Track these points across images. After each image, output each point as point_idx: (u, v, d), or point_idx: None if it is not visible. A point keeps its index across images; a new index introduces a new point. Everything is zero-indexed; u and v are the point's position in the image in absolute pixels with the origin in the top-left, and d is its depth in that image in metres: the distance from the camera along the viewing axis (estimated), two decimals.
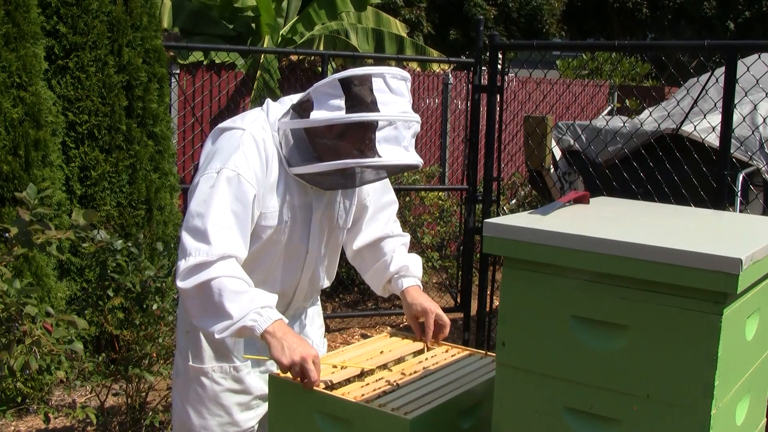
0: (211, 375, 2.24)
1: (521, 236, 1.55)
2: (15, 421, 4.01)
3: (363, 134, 2.01)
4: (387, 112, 2.00)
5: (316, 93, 2.05)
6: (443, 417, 1.83)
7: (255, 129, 2.13)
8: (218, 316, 1.95)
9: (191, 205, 2.05)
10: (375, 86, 2.00)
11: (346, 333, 5.90)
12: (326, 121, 2.01)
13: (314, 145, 2.09)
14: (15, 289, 2.71)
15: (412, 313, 2.30)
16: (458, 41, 17.36)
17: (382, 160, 2.00)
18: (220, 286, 1.95)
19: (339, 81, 2.01)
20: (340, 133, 2.04)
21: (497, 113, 4.42)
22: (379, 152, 1.99)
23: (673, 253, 1.39)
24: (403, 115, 2.03)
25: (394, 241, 2.42)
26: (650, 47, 13.36)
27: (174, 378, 2.35)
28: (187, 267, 1.97)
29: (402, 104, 2.04)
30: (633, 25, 22.22)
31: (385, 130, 1.99)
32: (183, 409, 2.28)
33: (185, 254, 1.99)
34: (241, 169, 2.05)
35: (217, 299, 1.95)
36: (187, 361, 2.27)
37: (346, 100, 1.99)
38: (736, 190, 4.18)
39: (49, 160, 4.16)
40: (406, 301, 2.32)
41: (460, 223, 6.35)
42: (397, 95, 2.03)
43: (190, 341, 2.27)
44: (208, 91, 6.75)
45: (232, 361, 2.25)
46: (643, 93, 10.52)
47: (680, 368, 1.42)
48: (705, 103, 4.72)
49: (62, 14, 4.39)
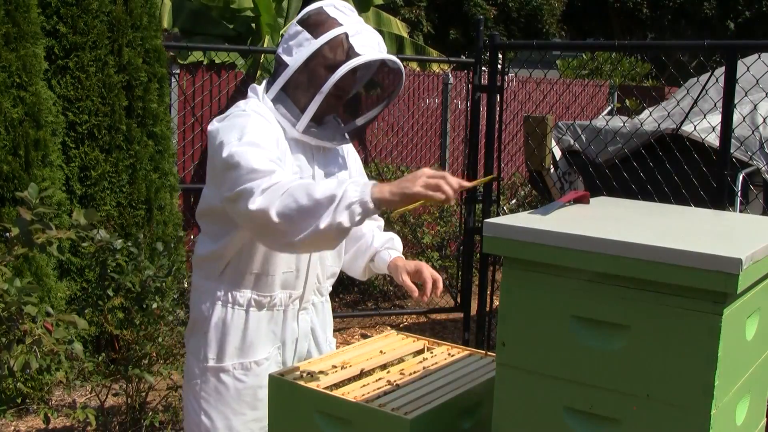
0: (232, 372, 2.22)
1: (521, 236, 1.55)
2: (15, 421, 4.01)
3: (341, 50, 2.10)
4: (349, 24, 2.13)
5: (283, 49, 2.17)
6: (443, 417, 1.83)
7: (252, 107, 2.15)
8: (316, 210, 1.85)
9: (225, 172, 1.99)
10: (329, 12, 2.14)
11: (346, 333, 5.90)
12: (304, 55, 2.11)
13: (304, 91, 2.14)
14: (15, 288, 2.71)
15: (406, 272, 2.30)
16: (458, 41, 17.36)
17: (364, 57, 2.08)
18: (304, 187, 1.88)
19: (297, 23, 2.16)
20: (319, 62, 2.11)
21: (497, 113, 4.42)
22: (359, 52, 2.08)
23: (673, 253, 1.39)
24: (366, 25, 2.16)
25: (370, 223, 2.44)
26: (650, 47, 13.36)
27: (187, 383, 2.31)
28: (257, 194, 1.90)
29: (360, 19, 2.18)
30: (633, 25, 22.22)
31: (356, 38, 2.11)
32: (205, 414, 2.24)
33: (248, 194, 1.90)
34: (260, 137, 2.05)
35: (306, 199, 1.85)
36: (205, 363, 2.24)
37: (310, 32, 2.13)
38: (736, 190, 4.18)
39: (49, 160, 4.16)
40: (396, 265, 2.34)
41: (460, 223, 6.35)
42: (351, 14, 2.17)
43: (208, 341, 2.23)
44: (208, 91, 6.75)
45: (253, 355, 2.24)
46: (643, 93, 10.52)
47: (680, 368, 1.42)
48: (705, 103, 4.71)
49: (62, 14, 4.39)
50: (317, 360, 2.12)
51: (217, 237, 2.19)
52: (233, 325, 2.22)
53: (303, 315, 2.32)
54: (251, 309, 2.23)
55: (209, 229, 2.23)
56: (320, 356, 2.21)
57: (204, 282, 2.26)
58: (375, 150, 7.69)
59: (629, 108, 10.33)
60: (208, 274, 2.25)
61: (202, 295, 2.27)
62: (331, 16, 2.14)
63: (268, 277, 2.21)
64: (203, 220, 2.25)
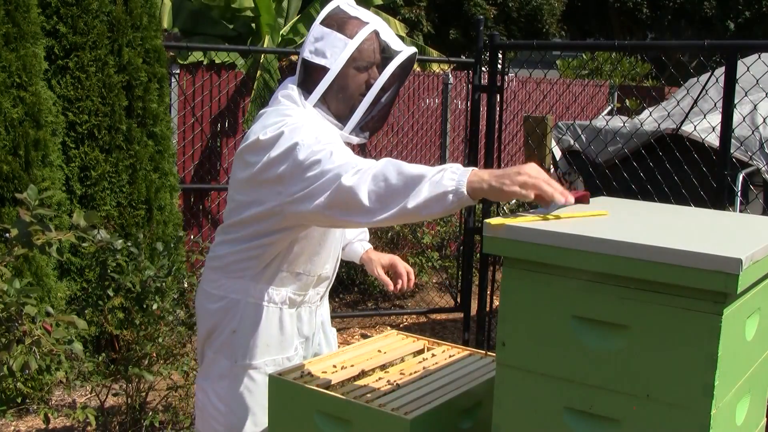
0: (263, 369, 2.21)
1: (521, 236, 1.55)
2: (15, 421, 4.01)
3: (377, 46, 2.14)
4: (372, 20, 2.15)
5: (312, 54, 2.15)
6: (443, 417, 1.83)
7: (299, 114, 2.11)
8: (409, 185, 1.77)
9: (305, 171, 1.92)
10: (349, 11, 2.16)
11: (346, 333, 5.90)
12: (347, 56, 2.11)
13: (349, 90, 2.15)
14: (15, 289, 2.71)
15: (381, 265, 2.44)
16: (458, 41, 17.35)
17: (404, 53, 2.13)
18: (394, 165, 1.81)
19: (321, 24, 2.14)
20: (359, 60, 2.13)
21: (497, 113, 4.42)
22: (396, 48, 2.14)
23: (673, 253, 1.39)
24: (379, 19, 2.19)
25: None
26: (650, 47, 13.36)
27: (211, 383, 2.26)
28: (349, 174, 1.84)
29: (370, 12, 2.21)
30: (633, 25, 22.22)
31: (385, 35, 2.15)
32: (231, 412, 2.22)
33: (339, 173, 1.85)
34: (333, 138, 2.05)
35: (397, 176, 1.78)
36: (233, 362, 2.22)
37: (341, 31, 2.12)
38: (736, 190, 4.18)
39: (49, 160, 4.16)
40: (370, 258, 2.46)
41: (460, 223, 6.35)
42: (361, 8, 2.20)
43: (237, 341, 2.22)
44: (208, 91, 6.75)
45: (284, 352, 2.24)
46: (643, 93, 10.52)
47: (680, 368, 1.42)
48: (705, 103, 4.72)
49: (62, 14, 4.39)
50: (317, 360, 2.13)
51: (253, 238, 2.16)
52: (268, 323, 2.23)
53: (319, 310, 2.38)
54: (284, 307, 2.24)
55: (245, 231, 2.18)
56: (320, 356, 2.21)
57: (232, 282, 2.22)
58: (375, 150, 7.69)
59: (629, 108, 10.33)
60: (241, 274, 2.21)
61: (230, 294, 2.23)
62: (352, 15, 2.15)
63: (308, 277, 2.25)
64: (239, 226, 2.19)
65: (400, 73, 2.22)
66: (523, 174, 1.67)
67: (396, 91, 2.28)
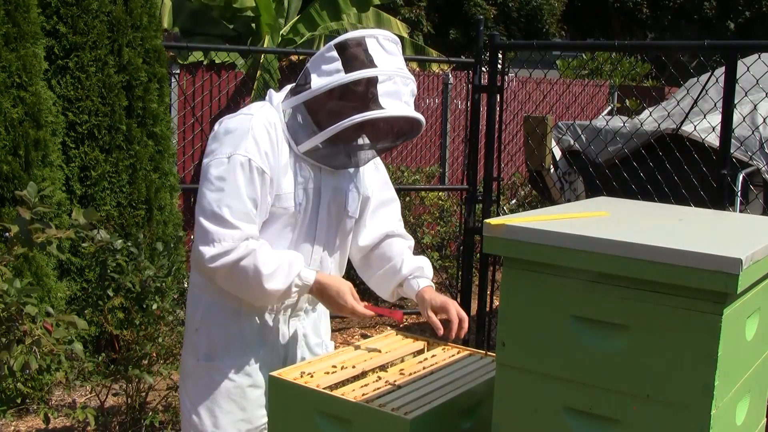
0: (222, 371, 2.22)
1: (521, 236, 1.55)
2: (15, 421, 4.01)
3: (365, 92, 2.05)
4: (385, 68, 2.06)
5: (313, 65, 2.12)
6: (443, 417, 1.83)
7: (262, 113, 2.16)
8: (260, 295, 2.11)
9: (204, 189, 2.10)
10: (369, 46, 2.07)
11: (346, 333, 5.90)
12: (328, 84, 2.06)
13: (319, 116, 2.13)
14: (15, 288, 2.71)
15: (432, 309, 2.28)
16: (458, 41, 17.36)
17: (386, 112, 2.04)
18: (255, 264, 2.06)
19: (334, 46, 2.08)
20: (340, 95, 2.08)
21: (497, 113, 4.42)
22: (382, 105, 2.04)
23: (673, 253, 1.39)
24: (400, 71, 2.09)
25: (401, 244, 2.41)
26: (650, 47, 13.36)
27: (182, 381, 2.33)
28: (214, 252, 2.05)
29: (397, 62, 2.10)
30: (633, 25, 22.21)
31: (385, 85, 2.05)
32: (194, 411, 2.25)
33: (209, 239, 2.06)
34: (252, 153, 2.09)
35: (253, 280, 2.08)
36: (196, 360, 2.26)
37: (343, 62, 2.06)
38: (736, 190, 4.18)
39: (49, 160, 4.16)
40: (423, 298, 2.31)
41: (460, 223, 6.35)
42: (391, 54, 2.10)
43: (200, 339, 2.25)
44: (208, 91, 6.75)
45: (244, 355, 2.24)
46: (643, 93, 10.52)
47: (680, 368, 1.42)
48: (705, 103, 4.71)
49: (62, 14, 4.39)
50: (317, 360, 2.12)
51: None
52: (227, 324, 2.23)
53: (294, 321, 2.32)
54: (244, 310, 2.23)
55: None
56: (319, 357, 2.21)
57: (201, 279, 2.26)
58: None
59: (629, 108, 10.33)
60: None
61: (198, 292, 2.28)
62: (369, 54, 2.06)
63: None
64: None
65: (383, 126, 2.16)
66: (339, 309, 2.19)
67: (380, 148, 2.24)
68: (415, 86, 2.15)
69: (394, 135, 2.23)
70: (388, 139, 2.24)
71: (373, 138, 2.21)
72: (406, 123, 2.18)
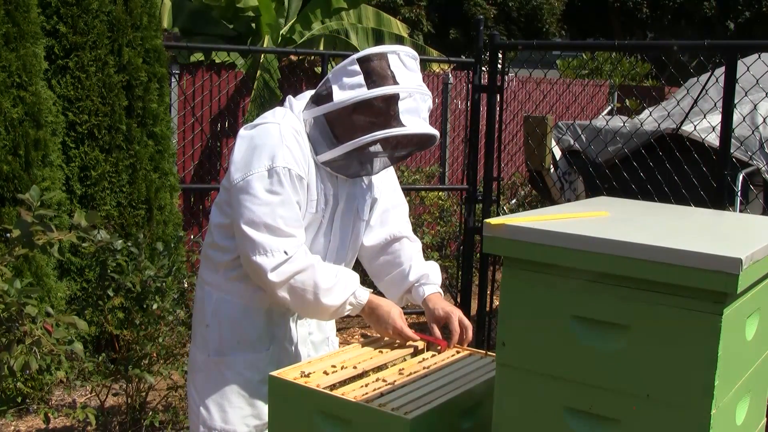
0: (233, 366, 2.24)
1: (521, 236, 1.55)
2: (15, 421, 4.01)
3: (386, 108, 2.09)
4: (406, 85, 2.10)
5: (335, 77, 2.14)
6: (443, 417, 1.83)
7: (287, 122, 2.18)
8: (316, 308, 2.17)
9: (250, 205, 2.11)
10: (392, 62, 2.11)
11: (346, 333, 5.90)
12: (351, 99, 2.08)
13: (338, 128, 2.17)
14: (15, 289, 2.71)
15: (435, 320, 2.33)
16: (458, 41, 17.36)
17: (407, 129, 2.09)
18: (315, 278, 2.13)
19: (357, 60, 2.11)
20: (362, 111, 2.11)
21: (497, 113, 4.41)
22: (403, 122, 2.08)
23: (673, 253, 1.39)
24: (420, 88, 2.13)
25: (410, 247, 2.45)
26: (650, 47, 13.37)
27: (191, 375, 2.35)
28: (276, 263, 2.09)
29: (417, 78, 2.15)
30: (633, 25, 22.22)
31: (406, 102, 2.09)
32: (203, 405, 2.26)
33: (267, 251, 2.10)
34: (290, 162, 2.12)
35: (311, 294, 2.13)
36: (206, 355, 2.27)
37: (365, 77, 2.09)
38: (736, 190, 4.18)
39: (49, 160, 4.16)
40: (428, 307, 2.36)
41: (460, 223, 6.35)
42: (411, 71, 2.14)
43: (210, 335, 2.27)
44: (208, 91, 6.75)
45: (254, 351, 2.25)
46: (643, 93, 10.52)
47: (680, 368, 1.42)
48: (705, 103, 4.71)
49: (62, 14, 4.39)
50: (317, 360, 2.13)
51: (225, 233, 2.24)
52: (238, 320, 2.25)
53: (301, 320, 2.36)
54: (253, 307, 2.25)
55: (219, 221, 2.26)
56: (320, 356, 2.21)
57: (212, 275, 2.29)
58: None
59: (629, 108, 10.33)
60: (217, 267, 2.28)
61: (207, 288, 2.30)
62: (391, 70, 2.10)
63: None
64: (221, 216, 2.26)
65: (402, 142, 2.21)
66: (390, 329, 2.24)
67: (395, 158, 2.30)
68: (431, 102, 2.19)
69: (409, 147, 2.28)
70: (403, 151, 2.29)
71: (389, 149, 2.25)
72: (422, 137, 2.21)
